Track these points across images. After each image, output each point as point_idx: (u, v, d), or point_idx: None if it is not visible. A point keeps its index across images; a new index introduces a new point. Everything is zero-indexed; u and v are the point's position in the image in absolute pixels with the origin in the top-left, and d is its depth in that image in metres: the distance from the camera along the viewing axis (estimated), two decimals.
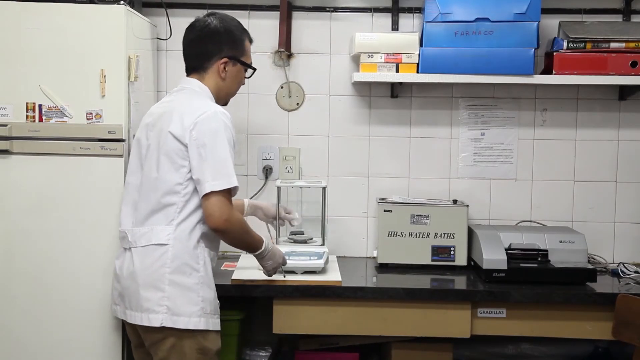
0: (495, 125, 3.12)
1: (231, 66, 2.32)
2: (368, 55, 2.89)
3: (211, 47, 2.29)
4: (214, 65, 2.30)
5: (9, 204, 2.52)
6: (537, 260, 2.70)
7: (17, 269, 2.52)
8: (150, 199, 2.20)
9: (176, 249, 2.16)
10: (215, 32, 2.29)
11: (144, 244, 2.19)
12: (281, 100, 3.12)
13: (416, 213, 2.88)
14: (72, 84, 2.50)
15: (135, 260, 2.20)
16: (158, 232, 2.18)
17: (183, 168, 2.16)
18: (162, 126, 2.21)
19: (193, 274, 2.18)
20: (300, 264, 2.62)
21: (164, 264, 2.16)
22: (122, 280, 2.25)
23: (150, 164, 2.22)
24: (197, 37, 2.31)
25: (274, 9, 3.04)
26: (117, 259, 2.31)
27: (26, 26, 2.48)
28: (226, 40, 2.30)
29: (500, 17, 2.84)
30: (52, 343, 2.53)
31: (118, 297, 2.28)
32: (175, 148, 2.15)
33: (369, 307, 2.56)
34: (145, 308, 2.16)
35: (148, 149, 2.24)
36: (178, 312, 2.14)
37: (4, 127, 2.50)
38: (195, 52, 2.32)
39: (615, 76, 2.84)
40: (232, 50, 2.31)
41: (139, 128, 2.35)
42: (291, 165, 3.10)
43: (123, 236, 2.28)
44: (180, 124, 2.16)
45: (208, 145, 2.13)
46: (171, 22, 2.98)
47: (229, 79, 2.33)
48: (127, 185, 2.33)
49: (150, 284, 2.16)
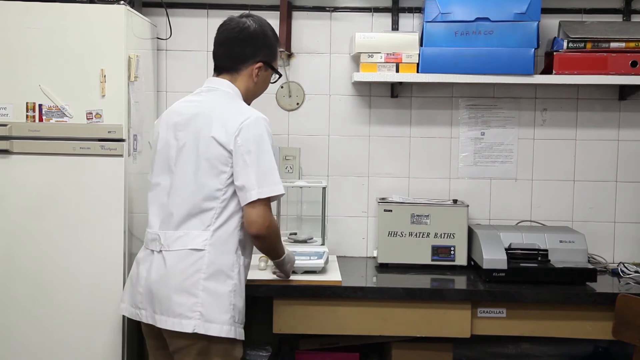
0: (495, 125, 3.12)
1: (264, 71, 2.28)
2: (368, 55, 2.89)
3: (248, 50, 2.24)
4: (248, 68, 2.25)
5: (9, 204, 2.52)
6: (537, 260, 2.70)
7: (17, 269, 2.53)
8: (186, 203, 2.15)
9: (212, 255, 2.13)
10: (254, 35, 2.24)
11: (178, 248, 2.14)
12: (281, 100, 3.12)
13: (416, 213, 2.88)
14: (72, 83, 2.50)
15: (168, 264, 2.13)
16: (194, 237, 2.13)
17: (223, 174, 2.12)
18: (199, 129, 2.15)
19: (227, 282, 2.14)
20: (300, 263, 2.62)
21: (199, 270, 2.11)
22: (151, 284, 2.16)
23: (185, 167, 2.16)
24: (235, 38, 2.24)
25: (274, 8, 3.04)
26: (142, 261, 2.21)
27: (26, 26, 2.48)
28: (263, 45, 2.26)
29: (500, 17, 2.84)
30: (52, 343, 2.53)
31: (143, 301, 2.18)
32: (218, 154, 2.11)
33: (369, 307, 2.56)
34: (177, 313, 2.10)
35: (180, 151, 2.17)
36: (211, 319, 2.10)
37: (4, 127, 2.50)
38: (230, 53, 2.25)
39: (615, 76, 2.84)
40: (267, 56, 2.27)
41: (163, 127, 2.25)
42: (291, 165, 3.10)
43: (154, 238, 2.19)
44: (224, 130, 2.11)
45: (253, 152, 2.10)
46: (171, 22, 2.98)
47: (259, 82, 2.30)
48: (154, 187, 2.24)
49: (184, 289, 2.11)
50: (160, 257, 2.16)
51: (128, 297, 2.26)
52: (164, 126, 2.25)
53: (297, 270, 2.63)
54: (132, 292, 2.24)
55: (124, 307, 2.27)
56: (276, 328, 2.57)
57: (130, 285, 2.25)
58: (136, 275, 2.22)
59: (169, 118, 2.25)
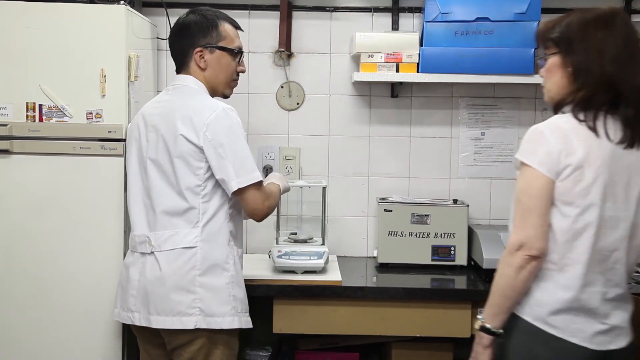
0: (495, 125, 3.12)
1: (208, 54, 2.26)
2: (368, 55, 2.89)
3: (185, 41, 2.27)
4: (192, 58, 2.26)
5: (9, 204, 2.52)
6: None
7: (17, 269, 2.52)
8: (169, 203, 2.17)
9: (204, 251, 2.15)
10: (185, 26, 2.27)
11: (169, 247, 2.16)
12: (281, 100, 3.12)
13: (416, 213, 2.88)
14: (72, 83, 2.50)
15: (162, 265, 2.15)
16: (184, 235, 2.15)
17: (199, 170, 2.14)
18: (168, 128, 2.17)
19: (224, 274, 2.17)
20: (300, 263, 2.62)
21: (193, 267, 2.14)
22: (145, 285, 2.17)
23: (161, 167, 2.18)
24: (172, 36, 2.32)
25: (274, 8, 3.04)
26: (132, 265, 2.23)
27: (26, 26, 2.48)
28: (196, 31, 2.26)
29: (501, 16, 2.84)
30: (52, 343, 2.53)
31: (137, 303, 2.19)
32: (190, 150, 2.13)
33: (369, 307, 2.56)
34: (177, 311, 2.13)
35: (153, 152, 2.20)
36: (211, 313, 2.13)
37: (4, 127, 2.50)
38: (174, 51, 2.31)
39: None
40: (204, 38, 2.26)
41: (134, 129, 2.30)
42: (291, 165, 3.11)
43: (143, 240, 2.21)
44: (192, 126, 2.13)
45: (225, 144, 2.12)
46: (171, 22, 2.97)
47: (210, 67, 2.27)
48: (132, 188, 2.27)
49: (181, 287, 2.13)
50: (152, 258, 2.17)
51: (119, 302, 2.28)
52: (136, 128, 2.29)
53: (297, 270, 2.63)
54: (123, 296, 2.26)
55: (116, 312, 2.30)
56: (276, 328, 2.58)
57: (121, 290, 2.28)
58: (126, 279, 2.24)
59: (140, 120, 2.29)
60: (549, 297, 1.77)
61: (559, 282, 1.77)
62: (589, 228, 1.74)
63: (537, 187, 1.74)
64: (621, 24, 1.77)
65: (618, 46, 1.74)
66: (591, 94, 1.74)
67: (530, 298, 1.79)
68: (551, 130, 1.75)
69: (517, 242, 1.74)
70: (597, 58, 1.74)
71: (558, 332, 1.75)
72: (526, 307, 1.79)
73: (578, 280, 1.75)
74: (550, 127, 1.75)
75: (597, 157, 1.73)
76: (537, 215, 1.74)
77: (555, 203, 1.75)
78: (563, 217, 1.75)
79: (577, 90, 1.76)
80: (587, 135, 1.74)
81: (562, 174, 1.73)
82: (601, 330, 1.76)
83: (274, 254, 2.70)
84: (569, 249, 1.75)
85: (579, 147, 1.73)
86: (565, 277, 1.76)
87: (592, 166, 1.73)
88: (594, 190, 1.73)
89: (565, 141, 1.73)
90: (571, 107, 1.77)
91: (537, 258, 1.74)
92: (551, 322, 1.76)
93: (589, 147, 1.73)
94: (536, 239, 1.73)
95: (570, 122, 1.76)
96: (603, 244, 1.76)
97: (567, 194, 1.74)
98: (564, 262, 1.76)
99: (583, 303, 1.76)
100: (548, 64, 1.84)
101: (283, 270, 2.66)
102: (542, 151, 1.73)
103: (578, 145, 1.73)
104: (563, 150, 1.72)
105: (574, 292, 1.75)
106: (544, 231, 1.74)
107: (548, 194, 1.74)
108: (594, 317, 1.76)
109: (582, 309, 1.76)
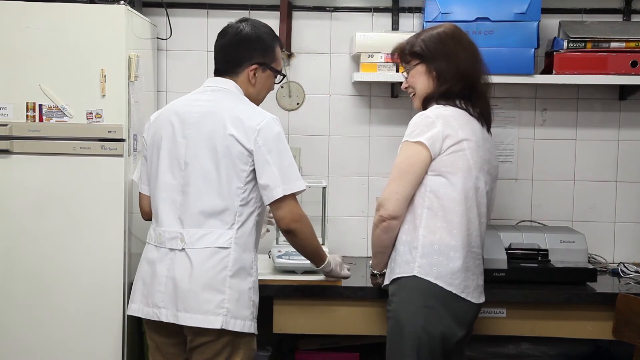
0: (495, 125, 3.09)
1: (261, 72, 2.29)
2: (368, 55, 2.89)
3: (242, 54, 2.27)
4: (244, 71, 2.27)
5: (9, 204, 2.52)
6: (537, 260, 2.69)
7: (17, 269, 2.53)
8: (207, 201, 2.16)
9: (237, 253, 2.16)
10: (247, 38, 2.26)
11: (203, 245, 2.15)
12: (281, 100, 3.12)
13: None
14: (72, 83, 2.50)
15: (195, 262, 2.14)
16: (219, 235, 2.15)
17: (243, 172, 2.15)
18: (214, 127, 2.15)
19: (248, 279, 2.19)
20: (301, 263, 2.62)
21: (225, 267, 2.14)
22: (175, 282, 2.15)
23: (202, 165, 2.16)
24: (229, 43, 2.27)
25: (274, 8, 3.04)
26: (158, 261, 2.19)
27: (26, 26, 2.48)
28: (257, 47, 2.28)
29: (501, 16, 2.84)
30: (52, 343, 2.54)
31: (165, 299, 2.16)
32: (238, 152, 2.14)
33: (369, 307, 2.56)
34: (205, 310, 2.12)
35: (193, 149, 2.17)
36: (236, 315, 2.14)
37: (4, 127, 2.50)
38: (227, 57, 2.28)
39: (615, 76, 2.84)
40: (263, 57, 2.28)
41: (164, 126, 2.24)
42: None
43: (174, 237, 2.18)
44: (242, 129, 2.14)
45: (274, 151, 2.14)
46: (171, 22, 2.98)
47: (258, 85, 2.30)
48: (161, 184, 2.23)
49: (212, 286, 2.13)
50: (183, 255, 2.16)
51: (140, 297, 2.23)
52: (168, 125, 2.23)
53: (297, 270, 2.63)
54: (146, 292, 2.21)
55: (135, 307, 2.24)
56: (276, 328, 2.58)
57: (143, 285, 2.23)
58: (151, 274, 2.20)
59: (172, 117, 2.24)
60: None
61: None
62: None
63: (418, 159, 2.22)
64: (464, 37, 2.28)
65: (466, 51, 2.24)
66: (451, 86, 2.21)
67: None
68: (436, 115, 2.17)
69: (377, 202, 2.21)
70: (453, 61, 2.21)
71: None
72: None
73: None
74: (435, 114, 2.18)
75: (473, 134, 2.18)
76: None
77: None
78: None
79: (440, 86, 2.22)
80: (465, 118, 2.21)
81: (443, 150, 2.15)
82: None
83: (274, 254, 2.71)
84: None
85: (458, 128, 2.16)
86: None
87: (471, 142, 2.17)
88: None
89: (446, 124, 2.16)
90: (436, 98, 2.22)
91: (387, 219, 2.18)
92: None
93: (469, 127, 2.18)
94: (389, 202, 2.19)
95: (447, 109, 2.20)
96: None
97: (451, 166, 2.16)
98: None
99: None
100: (412, 73, 2.29)
101: (283, 270, 2.65)
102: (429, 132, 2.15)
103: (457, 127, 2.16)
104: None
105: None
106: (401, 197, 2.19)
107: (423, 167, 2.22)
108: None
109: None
